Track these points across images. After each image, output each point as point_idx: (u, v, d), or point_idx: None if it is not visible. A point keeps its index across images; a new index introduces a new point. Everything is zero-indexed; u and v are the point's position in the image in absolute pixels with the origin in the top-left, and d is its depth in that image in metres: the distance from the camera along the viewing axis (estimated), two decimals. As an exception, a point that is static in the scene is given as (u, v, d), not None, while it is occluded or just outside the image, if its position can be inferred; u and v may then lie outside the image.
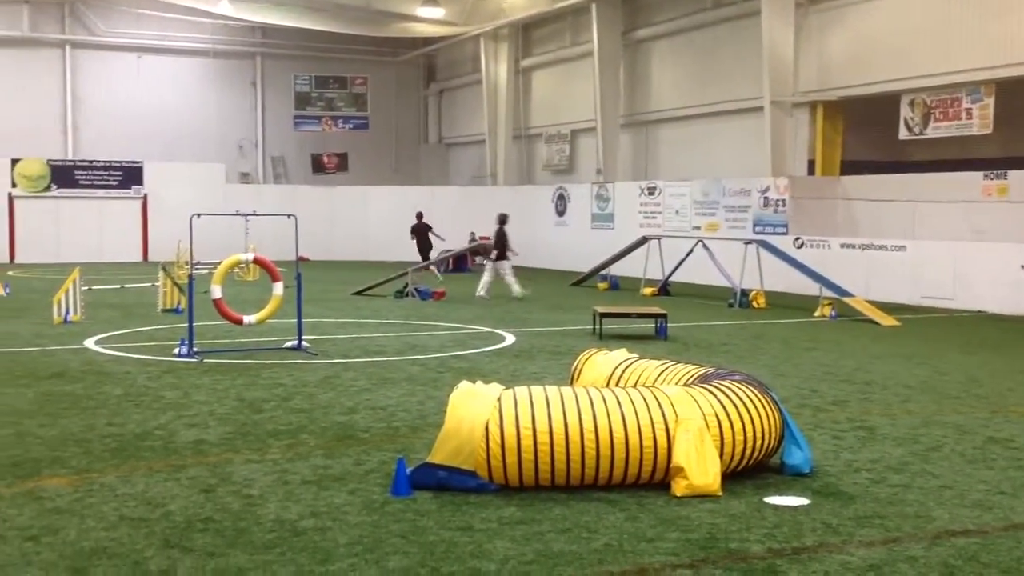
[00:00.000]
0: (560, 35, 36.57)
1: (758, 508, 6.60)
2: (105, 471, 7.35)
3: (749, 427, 7.15)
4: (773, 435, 7.38)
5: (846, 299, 19.75)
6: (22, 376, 11.42)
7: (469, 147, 42.74)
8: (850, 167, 26.47)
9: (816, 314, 19.41)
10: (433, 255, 29.41)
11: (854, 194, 25.64)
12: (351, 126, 43.94)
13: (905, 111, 23.80)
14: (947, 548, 5.85)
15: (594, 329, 16.06)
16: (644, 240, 25.07)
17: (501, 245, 23.37)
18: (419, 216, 30.44)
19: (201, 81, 41.69)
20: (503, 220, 23.89)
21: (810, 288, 21.33)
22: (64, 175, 36.13)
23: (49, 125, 38.97)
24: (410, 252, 30.71)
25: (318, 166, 43.42)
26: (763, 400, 7.42)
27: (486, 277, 23.16)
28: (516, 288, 22.72)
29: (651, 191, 30.17)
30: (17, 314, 17.89)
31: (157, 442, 8.29)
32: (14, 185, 35.38)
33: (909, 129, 23.82)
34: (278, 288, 13.83)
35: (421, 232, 30.07)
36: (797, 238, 24.81)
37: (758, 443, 7.24)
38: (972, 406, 10.38)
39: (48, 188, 35.83)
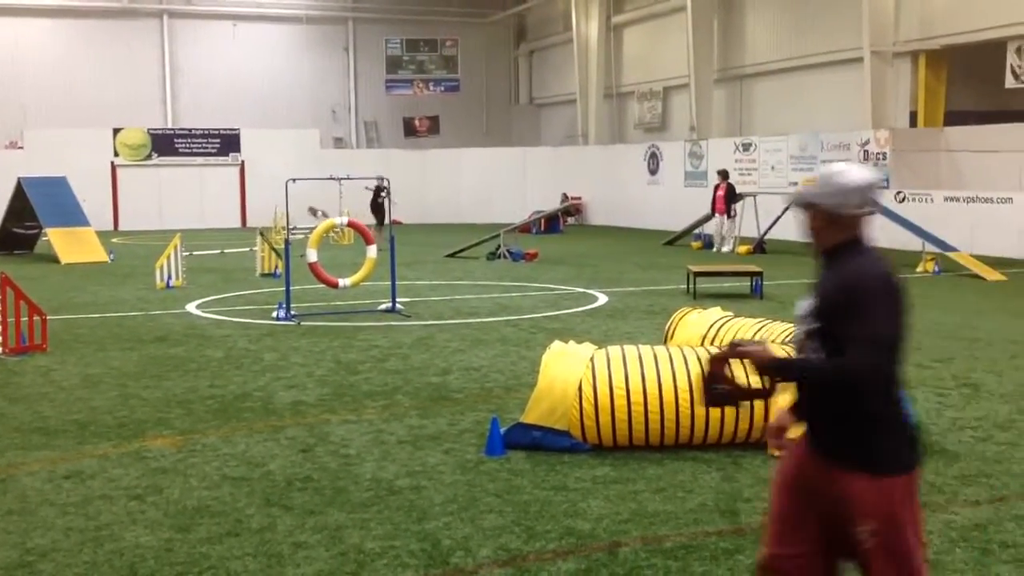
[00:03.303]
0: (651, -10, 36.02)
1: (858, 467, 6.46)
2: (207, 432, 7.53)
3: (848, 385, 6.99)
4: (873, 393, 7.19)
5: (950, 254, 19.19)
6: (127, 340, 11.74)
7: (560, 107, 42.47)
8: (954, 118, 25.62)
9: (919, 270, 18.90)
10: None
11: (958, 146, 24.82)
12: (442, 89, 44.00)
13: (1012, 58, 22.90)
14: (1058, 508, 5.66)
15: (688, 288, 15.88)
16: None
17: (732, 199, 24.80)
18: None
19: (295, 48, 42.14)
20: (726, 175, 25.48)
21: (912, 243, 20.75)
22: (164, 144, 36.92)
23: (148, 95, 39.80)
24: (502, 214, 30.70)
25: (410, 130, 43.61)
26: (863, 357, 7.23)
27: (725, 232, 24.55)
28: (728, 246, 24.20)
29: (746, 147, 29.64)
30: (122, 280, 18.39)
31: (257, 403, 8.45)
32: (116, 155, 36.27)
33: (1016, 77, 22.93)
34: (372, 251, 13.96)
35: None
36: (899, 192, 24.15)
37: (858, 401, 7.07)
38: (1084, 362, 10.01)
39: (149, 157, 36.64)
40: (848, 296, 3.28)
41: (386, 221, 26.76)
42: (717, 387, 3.67)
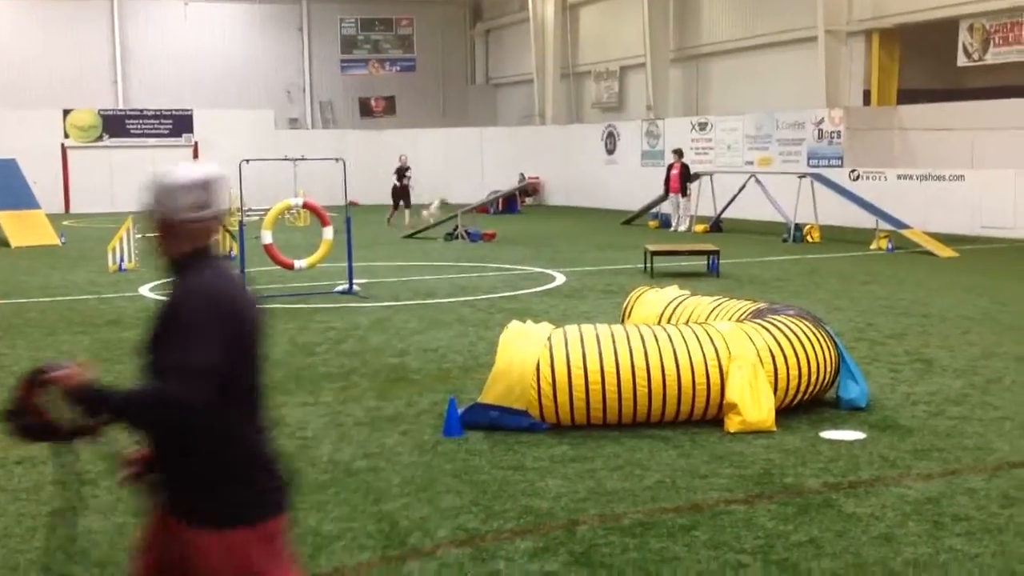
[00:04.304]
0: (607, -31, 35.97)
1: (813, 443, 6.52)
2: (161, 415, 7.43)
3: (804, 362, 7.05)
4: (828, 370, 7.27)
5: (903, 231, 19.40)
6: (79, 324, 11.58)
7: (517, 87, 42.36)
8: (907, 96, 25.85)
9: (872, 247, 19.09)
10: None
11: (911, 124, 25.06)
12: (398, 68, 43.73)
13: (964, 37, 23.14)
14: (1007, 479, 5.75)
15: (645, 267, 15.93)
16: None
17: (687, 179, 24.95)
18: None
19: (248, 27, 41.66)
20: (681, 154, 25.62)
21: (866, 221, 20.96)
22: (115, 125, 36.39)
23: (99, 75, 39.22)
24: (460, 195, 30.57)
25: (366, 110, 43.32)
26: (818, 334, 7.30)
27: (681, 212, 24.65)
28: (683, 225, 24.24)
29: (702, 127, 29.74)
30: (73, 263, 18.14)
31: (212, 386, 8.35)
32: (66, 136, 35.72)
33: (968, 55, 23.18)
34: (328, 232, 13.85)
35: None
36: (853, 170, 24.36)
37: (813, 378, 7.14)
38: (1034, 337, 10.16)
39: (100, 138, 36.12)
40: (171, 318, 2.85)
41: (411, 201, 26.47)
42: (22, 421, 2.83)
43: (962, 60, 23.35)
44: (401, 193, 26.63)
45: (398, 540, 4.99)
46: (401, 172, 26.60)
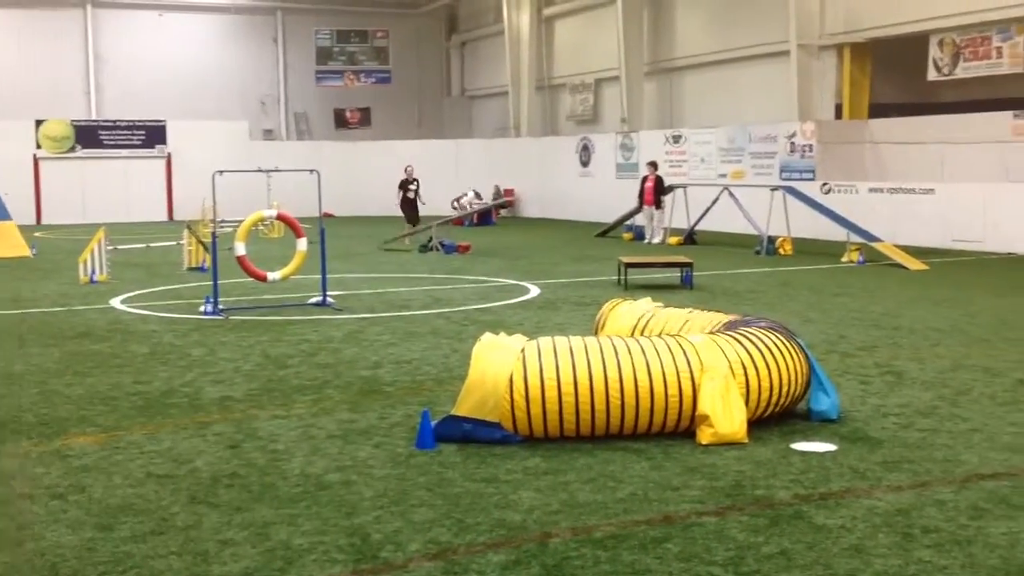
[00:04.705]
0: (582, -17, 36.13)
1: (785, 455, 6.55)
2: (132, 429, 7.39)
3: (775, 374, 7.09)
4: (799, 381, 7.31)
5: (874, 244, 19.55)
6: (49, 336, 11.49)
7: (492, 99, 42.45)
8: (878, 110, 26.10)
9: (844, 260, 19.23)
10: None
11: (882, 138, 25.28)
12: (373, 80, 43.72)
13: (934, 51, 23.38)
14: (976, 491, 5.79)
15: (619, 280, 15.98)
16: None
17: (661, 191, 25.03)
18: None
19: (222, 38, 41.56)
20: (656, 166, 25.68)
21: (837, 234, 21.11)
22: (88, 136, 36.18)
23: (72, 86, 39.01)
24: (434, 207, 30.52)
25: (341, 121, 43.29)
26: (789, 346, 7.34)
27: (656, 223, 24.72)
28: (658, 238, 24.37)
29: (676, 139, 29.89)
30: (44, 275, 18.00)
31: (183, 399, 8.32)
32: (39, 147, 35.48)
33: (938, 70, 23.42)
34: (302, 244, 13.80)
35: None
36: (824, 183, 24.54)
37: (784, 390, 7.17)
38: (1002, 349, 10.25)
39: (72, 149, 35.90)
40: None
41: (419, 215, 24.81)
42: None
43: (932, 74, 23.59)
44: (408, 206, 25.05)
45: (370, 554, 4.97)
46: (406, 184, 25.16)
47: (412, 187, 24.93)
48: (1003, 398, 8.09)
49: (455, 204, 25.49)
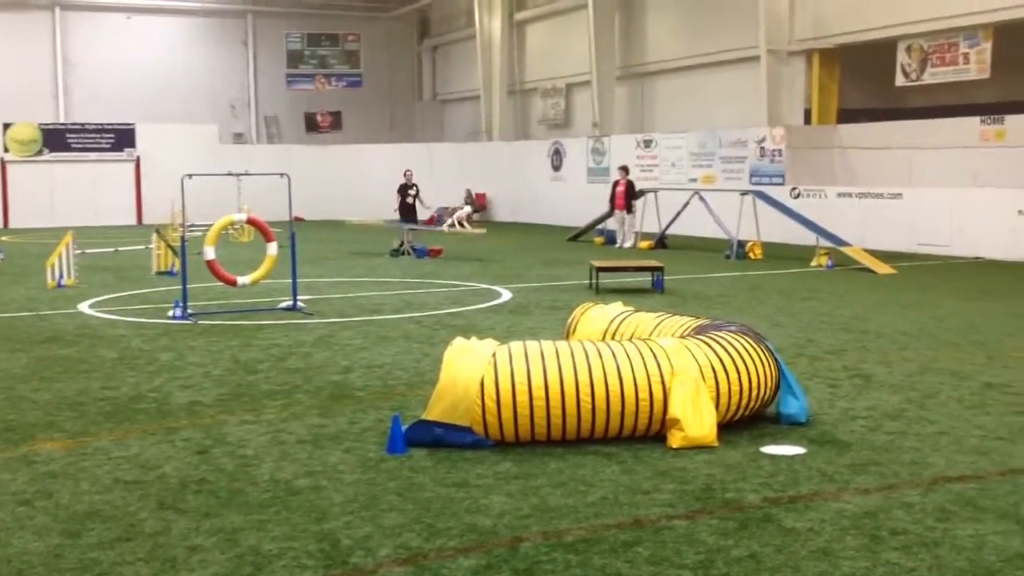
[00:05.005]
0: (553, -13, 36.21)
1: (754, 458, 6.59)
2: (99, 435, 7.33)
3: (745, 378, 7.12)
4: (769, 385, 7.35)
5: (843, 248, 19.70)
6: (16, 341, 11.37)
7: (464, 103, 42.45)
8: (847, 115, 26.31)
9: (813, 264, 19.36)
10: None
11: (851, 143, 25.49)
12: (344, 84, 43.61)
13: (902, 57, 23.60)
14: (943, 494, 5.84)
15: (590, 283, 16.01)
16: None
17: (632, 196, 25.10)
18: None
19: (192, 41, 41.33)
20: (627, 170, 25.77)
21: (807, 238, 21.26)
22: (56, 139, 35.87)
23: (40, 88, 38.67)
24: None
25: (312, 125, 43.15)
26: (759, 350, 7.38)
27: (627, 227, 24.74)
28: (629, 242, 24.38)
29: (647, 144, 30.00)
30: (11, 279, 17.82)
31: (151, 405, 8.26)
32: (6, 150, 35.14)
33: (906, 75, 23.64)
34: (272, 248, 13.73)
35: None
36: (794, 188, 24.70)
37: (754, 393, 7.21)
38: (969, 352, 10.35)
39: (40, 152, 35.58)
40: None
41: (418, 220, 24.10)
42: None
43: (900, 80, 23.81)
44: (407, 212, 24.19)
45: (340, 559, 4.95)
46: (405, 189, 24.35)
47: (411, 192, 24.62)
48: (970, 401, 8.16)
49: (447, 217, 25.35)
